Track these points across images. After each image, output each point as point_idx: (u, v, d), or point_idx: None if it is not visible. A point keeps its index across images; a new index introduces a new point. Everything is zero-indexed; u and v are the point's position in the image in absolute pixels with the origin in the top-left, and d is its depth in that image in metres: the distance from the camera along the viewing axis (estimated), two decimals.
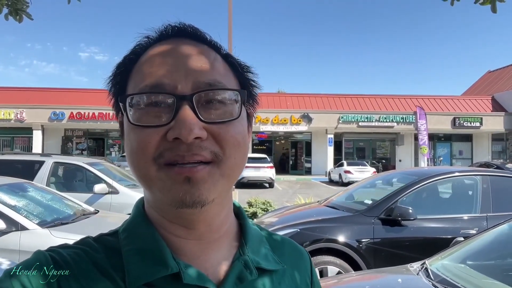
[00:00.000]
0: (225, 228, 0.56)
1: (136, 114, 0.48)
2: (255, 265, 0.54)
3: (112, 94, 0.56)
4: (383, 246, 3.91)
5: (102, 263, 0.49)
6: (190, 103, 0.47)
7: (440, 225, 4.08)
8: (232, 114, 0.50)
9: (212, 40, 0.55)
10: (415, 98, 26.21)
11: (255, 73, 0.58)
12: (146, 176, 0.49)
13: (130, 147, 0.49)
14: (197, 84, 0.49)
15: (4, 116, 22.39)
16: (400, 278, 2.59)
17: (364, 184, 5.58)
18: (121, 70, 0.54)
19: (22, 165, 6.52)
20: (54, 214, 4.10)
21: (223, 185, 0.50)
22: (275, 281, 0.56)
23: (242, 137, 0.51)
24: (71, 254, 0.49)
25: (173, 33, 0.54)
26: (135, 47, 0.55)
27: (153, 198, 0.52)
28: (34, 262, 0.47)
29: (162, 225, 0.53)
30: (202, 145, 0.47)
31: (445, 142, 26.81)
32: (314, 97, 26.06)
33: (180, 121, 0.46)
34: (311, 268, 0.66)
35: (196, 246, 0.53)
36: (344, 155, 25.59)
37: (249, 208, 8.52)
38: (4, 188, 4.12)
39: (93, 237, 0.54)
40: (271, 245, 0.61)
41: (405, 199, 4.24)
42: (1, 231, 3.45)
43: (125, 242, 0.52)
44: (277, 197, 13.22)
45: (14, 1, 2.10)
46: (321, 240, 3.93)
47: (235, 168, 0.51)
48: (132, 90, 0.51)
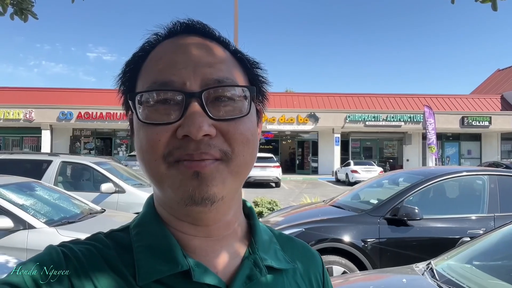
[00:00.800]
0: (234, 227, 0.56)
1: (146, 112, 0.48)
2: (264, 263, 0.54)
3: (121, 92, 0.56)
4: (389, 246, 3.88)
5: (112, 259, 0.49)
6: (199, 100, 0.47)
7: (446, 225, 4.04)
8: (241, 111, 0.50)
9: (220, 36, 0.55)
10: (423, 97, 26.00)
11: (264, 69, 0.58)
12: (156, 173, 0.49)
13: (140, 145, 0.49)
14: (206, 81, 0.49)
15: (13, 116, 22.66)
16: (404, 278, 2.57)
17: (370, 184, 5.56)
18: (130, 67, 0.54)
19: (31, 164, 6.59)
20: (61, 213, 4.14)
21: (232, 183, 0.50)
22: (285, 280, 0.56)
23: (251, 134, 0.51)
24: (82, 250, 0.50)
25: (182, 30, 0.54)
26: (144, 44, 0.55)
27: (163, 196, 0.52)
28: (45, 257, 0.48)
29: (171, 223, 0.53)
30: (211, 142, 0.47)
31: (454, 142, 26.56)
32: (320, 96, 25.98)
33: (189, 118, 0.46)
34: (323, 269, 0.65)
35: (205, 243, 0.53)
36: (351, 155, 25.48)
37: (255, 208, 8.54)
38: (13, 187, 4.17)
39: (105, 232, 0.55)
40: (281, 244, 0.61)
41: (411, 198, 4.21)
42: (9, 229, 3.49)
43: (136, 238, 0.52)
44: (283, 197, 13.21)
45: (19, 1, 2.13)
46: (326, 239, 3.92)
47: (244, 166, 0.50)
48: (141, 87, 0.51)
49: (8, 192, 3.97)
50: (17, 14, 2.22)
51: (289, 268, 0.57)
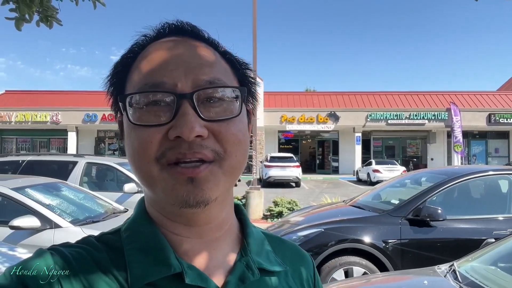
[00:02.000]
0: (226, 227, 0.56)
1: (137, 114, 0.48)
2: (257, 266, 0.54)
3: (110, 94, 0.55)
4: (411, 248, 3.81)
5: (104, 262, 0.49)
6: (190, 101, 0.47)
7: (471, 226, 3.93)
8: (232, 111, 0.50)
9: (210, 37, 0.55)
10: (447, 94, 25.32)
11: (253, 70, 0.58)
12: (148, 176, 0.49)
13: (132, 147, 0.49)
14: (197, 82, 0.49)
15: (40, 118, 23.46)
16: (426, 280, 2.52)
17: (392, 184, 5.46)
18: (119, 69, 0.54)
19: (57, 165, 6.82)
20: (86, 213, 4.26)
21: (225, 184, 0.50)
22: (278, 282, 0.56)
23: (242, 135, 0.51)
24: (73, 253, 0.49)
25: (171, 31, 0.54)
26: (133, 45, 0.55)
27: (155, 198, 0.52)
28: (35, 260, 0.47)
29: (163, 224, 0.53)
30: (203, 143, 0.47)
31: (480, 140, 25.75)
32: (341, 95, 25.69)
33: (181, 119, 0.46)
34: (314, 270, 0.65)
35: (197, 245, 0.53)
36: (372, 154, 25.08)
37: (275, 208, 8.53)
38: (40, 187, 4.33)
39: (95, 235, 0.54)
40: (272, 246, 0.60)
41: (434, 199, 4.12)
42: (36, 228, 3.62)
43: (127, 241, 0.52)
44: (303, 197, 13.15)
45: (45, 8, 2.22)
46: (346, 240, 3.89)
47: (237, 166, 0.51)
48: (132, 89, 0.51)
49: (35, 193, 4.12)
50: (43, 21, 2.31)
51: (281, 270, 0.57)
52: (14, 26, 2.38)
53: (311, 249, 3.91)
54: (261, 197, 9.10)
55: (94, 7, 2.34)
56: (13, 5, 2.27)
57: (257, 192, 9.08)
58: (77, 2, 2.27)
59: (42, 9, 2.27)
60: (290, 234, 4.15)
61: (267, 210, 8.86)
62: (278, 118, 23.64)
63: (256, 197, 9.00)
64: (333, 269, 3.82)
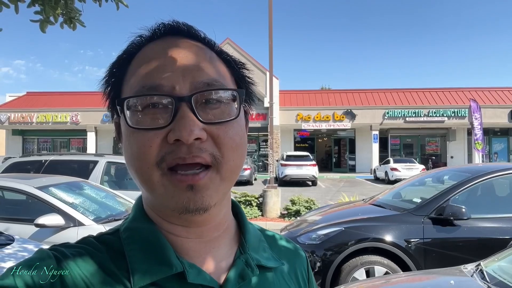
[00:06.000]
0: (225, 227, 0.57)
1: (135, 117, 0.48)
2: (255, 263, 0.55)
3: (106, 95, 0.55)
4: (434, 247, 3.74)
5: (106, 263, 0.49)
6: (189, 104, 0.47)
7: (496, 225, 3.83)
8: (230, 114, 0.50)
9: (206, 37, 0.54)
10: (467, 90, 24.74)
11: (250, 69, 0.58)
12: (148, 181, 0.48)
13: (131, 151, 0.49)
14: (195, 84, 0.48)
15: (60, 119, 24.02)
16: (452, 280, 2.46)
17: (412, 182, 5.37)
18: (115, 71, 0.54)
19: (78, 165, 6.95)
20: (107, 211, 4.34)
21: (224, 189, 0.51)
22: (276, 278, 0.57)
23: (240, 138, 0.51)
24: (74, 254, 0.49)
25: (166, 32, 0.53)
26: (128, 46, 0.54)
27: (154, 201, 0.52)
28: (36, 260, 0.46)
29: (162, 225, 0.53)
30: (202, 146, 0.47)
31: (502, 137, 25.08)
32: (357, 92, 25.39)
33: (180, 122, 0.46)
34: (307, 265, 0.66)
35: (197, 244, 0.53)
36: (390, 152, 24.74)
37: (292, 206, 8.50)
38: (63, 186, 4.42)
39: (94, 236, 0.54)
40: (268, 242, 0.62)
41: (457, 197, 4.03)
42: (60, 226, 3.71)
43: (127, 241, 0.52)
44: (320, 195, 13.07)
45: (68, 10, 2.26)
46: (367, 239, 3.84)
47: (235, 170, 0.51)
48: (129, 91, 0.50)
49: (59, 191, 4.22)
50: (66, 23, 2.35)
51: (278, 265, 0.58)
52: (39, 28, 2.44)
53: (331, 248, 3.88)
54: (278, 195, 9.08)
55: (117, 8, 2.37)
56: (39, 7, 2.32)
57: (274, 191, 9.06)
58: (100, 3, 2.30)
59: (66, 11, 2.31)
60: (310, 232, 4.13)
61: (284, 209, 8.84)
62: (294, 116, 23.54)
63: (273, 196, 8.99)
64: (354, 268, 3.79)
